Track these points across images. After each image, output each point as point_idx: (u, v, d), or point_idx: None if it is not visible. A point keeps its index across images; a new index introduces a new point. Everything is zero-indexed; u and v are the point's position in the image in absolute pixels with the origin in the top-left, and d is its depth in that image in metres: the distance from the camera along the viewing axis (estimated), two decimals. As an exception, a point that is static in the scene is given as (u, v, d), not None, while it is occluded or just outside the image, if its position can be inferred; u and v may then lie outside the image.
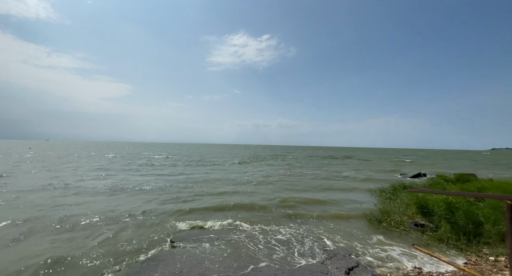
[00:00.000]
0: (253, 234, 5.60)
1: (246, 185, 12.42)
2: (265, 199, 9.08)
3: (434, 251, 4.62)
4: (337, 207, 8.22)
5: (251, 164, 26.83)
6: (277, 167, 23.75)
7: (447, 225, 5.13)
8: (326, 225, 6.44)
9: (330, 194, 10.50)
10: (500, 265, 3.97)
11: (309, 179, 15.46)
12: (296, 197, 9.58)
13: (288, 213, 7.38)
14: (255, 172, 19.02)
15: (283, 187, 12.02)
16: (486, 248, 4.62)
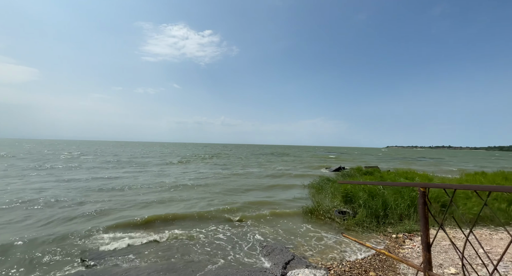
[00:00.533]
0: (187, 241, 5.03)
1: (182, 189, 10.71)
2: (203, 205, 8.11)
3: (357, 236, 5.26)
4: (276, 204, 8.49)
5: (190, 163, 24.45)
6: (218, 166, 22.47)
7: (363, 211, 5.97)
8: (266, 222, 6.49)
9: (270, 192, 10.79)
10: (399, 241, 4.85)
11: (250, 177, 15.05)
12: (237, 198, 9.12)
13: (228, 215, 7.02)
14: (193, 172, 16.89)
15: (223, 188, 11.08)
16: (390, 227, 5.61)
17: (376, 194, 6.25)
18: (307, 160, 32.94)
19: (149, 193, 9.67)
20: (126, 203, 7.99)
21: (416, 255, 4.09)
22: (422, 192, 1.87)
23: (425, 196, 1.84)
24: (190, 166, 22.07)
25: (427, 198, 1.83)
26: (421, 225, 1.89)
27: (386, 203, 6.02)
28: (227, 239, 5.11)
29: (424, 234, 1.83)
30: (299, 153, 60.81)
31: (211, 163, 25.74)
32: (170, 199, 8.65)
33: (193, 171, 17.98)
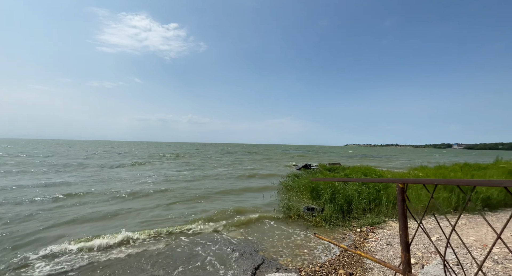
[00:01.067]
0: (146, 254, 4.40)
1: (133, 198, 8.56)
2: (159, 215, 6.60)
3: (325, 231, 5.30)
4: (247, 206, 8.21)
5: (150, 164, 21.64)
6: (183, 166, 20.30)
7: (330, 206, 6.09)
8: (235, 226, 6.16)
9: (242, 195, 10.40)
10: (363, 234, 5.03)
11: (219, 179, 13.67)
12: (204, 205, 7.75)
13: (192, 225, 6.01)
14: (151, 175, 14.35)
15: (186, 194, 9.26)
16: (354, 221, 5.82)
17: (340, 190, 6.44)
18: (276, 158, 33.55)
19: (84, 206, 7.30)
20: (46, 222, 5.81)
21: (379, 248, 4.24)
22: (401, 188, 1.76)
23: (403, 193, 1.72)
24: (149, 167, 19.42)
25: (406, 194, 1.73)
26: (400, 224, 1.77)
27: (350, 198, 6.24)
28: (189, 249, 4.63)
29: (403, 233, 1.71)
30: (268, 151, 61.82)
31: (175, 163, 23.37)
32: (115, 213, 6.65)
33: (152, 173, 15.45)
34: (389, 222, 5.68)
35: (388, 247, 4.24)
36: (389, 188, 6.47)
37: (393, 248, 4.18)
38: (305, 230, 5.49)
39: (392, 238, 4.67)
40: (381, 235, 4.88)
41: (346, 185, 7.19)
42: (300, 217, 6.39)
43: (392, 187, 6.54)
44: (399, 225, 1.74)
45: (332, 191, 6.43)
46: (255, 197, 9.23)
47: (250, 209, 7.32)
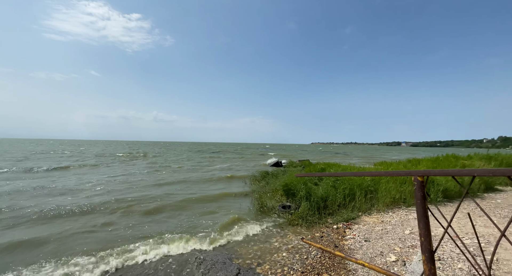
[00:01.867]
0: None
1: (60, 217, 6.06)
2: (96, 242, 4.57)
3: (301, 230, 5.00)
4: (217, 205, 7.56)
5: (94, 167, 16.92)
6: (141, 169, 16.21)
7: (306, 203, 5.85)
8: (205, 229, 5.50)
9: (213, 203, 9.72)
10: (340, 231, 4.88)
11: (185, 183, 11.15)
12: (161, 226, 5.44)
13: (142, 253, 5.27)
14: (89, 182, 10.85)
15: (140, 208, 6.80)
16: (330, 218, 5.69)
17: (313, 187, 6.26)
18: (247, 157, 33.18)
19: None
20: None
21: (358, 245, 4.09)
22: (420, 182, 1.38)
23: (423, 188, 1.35)
24: (94, 170, 15.40)
25: (425, 190, 1.36)
26: (420, 227, 1.38)
27: (326, 194, 6.10)
28: (160, 260, 3.86)
29: (425, 240, 1.33)
30: (239, 150, 61.22)
31: (131, 164, 19.44)
32: (18, 244, 4.40)
33: (93, 178, 12.03)
34: (363, 216, 5.67)
35: (367, 243, 4.11)
36: (365, 182, 6.52)
37: (371, 244, 4.06)
38: (282, 229, 5.14)
39: (369, 233, 4.59)
40: (357, 231, 4.78)
41: (321, 180, 7.08)
42: (276, 215, 6.05)
43: (366, 180, 6.61)
44: (420, 229, 1.35)
45: (307, 188, 6.21)
46: (227, 200, 8.14)
47: (221, 210, 6.72)
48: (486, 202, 6.40)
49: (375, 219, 5.50)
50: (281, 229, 5.18)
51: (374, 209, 6.06)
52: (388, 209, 6.09)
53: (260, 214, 6.22)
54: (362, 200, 6.11)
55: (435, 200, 6.40)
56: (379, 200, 6.24)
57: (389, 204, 6.27)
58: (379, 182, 6.73)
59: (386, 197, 6.21)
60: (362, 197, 6.18)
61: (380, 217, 5.61)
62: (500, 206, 5.91)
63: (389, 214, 5.80)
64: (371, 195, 6.33)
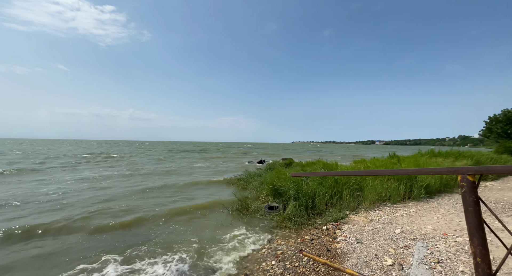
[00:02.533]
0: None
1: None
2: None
3: (290, 233, 4.65)
4: (196, 210, 6.97)
5: (53, 171, 13.85)
6: (104, 172, 13.64)
7: (293, 203, 5.54)
8: (185, 234, 4.93)
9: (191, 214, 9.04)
10: (330, 232, 4.62)
11: (154, 192, 8.74)
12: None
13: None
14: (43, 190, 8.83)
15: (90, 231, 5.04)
16: (318, 218, 5.43)
17: (302, 185, 5.98)
18: (230, 156, 32.49)
19: None
20: None
21: (351, 248, 3.84)
22: (471, 182, 1.01)
23: (475, 189, 0.99)
24: (44, 176, 12.23)
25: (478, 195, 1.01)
26: (475, 243, 0.99)
27: (313, 193, 5.84)
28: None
29: (483, 260, 0.96)
30: (222, 149, 60.08)
31: (96, 168, 15.84)
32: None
33: (47, 186, 9.46)
34: (351, 216, 5.50)
35: (360, 245, 3.88)
36: (351, 180, 6.37)
37: (364, 246, 3.83)
38: (269, 233, 4.75)
39: (360, 234, 4.38)
40: (348, 231, 4.56)
41: (308, 180, 6.82)
42: (262, 216, 5.65)
43: (353, 178, 6.47)
44: (473, 246, 0.97)
45: (296, 187, 5.90)
46: (208, 203, 7.09)
47: (201, 215, 6.17)
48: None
49: (363, 218, 5.34)
50: (269, 233, 4.79)
51: (362, 208, 5.93)
52: (374, 207, 6.00)
53: (245, 217, 5.78)
54: (350, 198, 5.96)
55: (418, 196, 6.46)
56: (366, 198, 6.13)
57: (375, 201, 6.19)
58: (365, 180, 6.64)
59: (373, 194, 6.12)
60: (350, 195, 6.03)
61: (368, 215, 5.47)
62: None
63: (376, 212, 5.70)
64: (358, 193, 6.20)
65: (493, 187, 7.94)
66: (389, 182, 6.80)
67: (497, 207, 5.43)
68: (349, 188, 6.13)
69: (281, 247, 4.06)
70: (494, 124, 23.62)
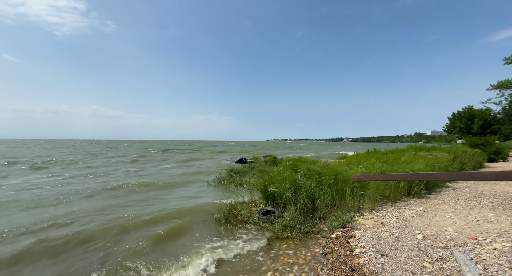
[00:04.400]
0: None
1: None
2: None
3: (295, 246, 3.76)
4: (173, 221, 5.71)
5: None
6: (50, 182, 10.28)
7: (293, 208, 4.67)
8: (164, 262, 3.72)
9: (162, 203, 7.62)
10: (342, 241, 3.85)
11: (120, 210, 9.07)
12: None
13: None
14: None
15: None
16: (321, 223, 4.65)
17: (302, 186, 5.14)
18: (207, 155, 30.74)
19: None
20: None
21: (378, 264, 3.08)
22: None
23: None
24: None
25: None
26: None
27: (313, 194, 5.05)
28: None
29: None
30: (197, 147, 57.36)
31: (38, 177, 10.89)
32: None
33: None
34: (357, 218, 4.82)
35: (387, 260, 3.15)
36: (350, 178, 5.71)
37: (393, 260, 3.11)
38: (269, 248, 3.79)
39: (378, 242, 3.68)
40: (363, 240, 3.83)
41: (303, 177, 6.00)
42: (255, 227, 4.68)
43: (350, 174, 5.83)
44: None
45: (294, 188, 5.03)
46: (185, 210, 5.87)
47: (179, 229, 4.97)
48: (458, 192, 6.45)
49: (371, 220, 4.70)
50: (268, 247, 3.84)
51: (365, 208, 5.33)
52: (377, 206, 5.45)
53: (234, 226, 4.74)
54: (353, 198, 5.30)
55: (418, 193, 6.11)
56: (368, 197, 5.55)
57: (377, 200, 5.66)
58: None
59: (375, 193, 5.56)
60: (352, 195, 5.38)
61: (376, 217, 4.86)
62: (476, 195, 5.92)
63: (382, 212, 5.13)
64: (360, 191, 5.59)
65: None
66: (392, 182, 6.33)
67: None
68: (350, 187, 5.47)
69: (291, 269, 3.14)
70: (457, 120, 25.98)
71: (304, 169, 5.94)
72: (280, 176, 5.72)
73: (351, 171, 6.17)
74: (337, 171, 5.88)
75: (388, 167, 6.89)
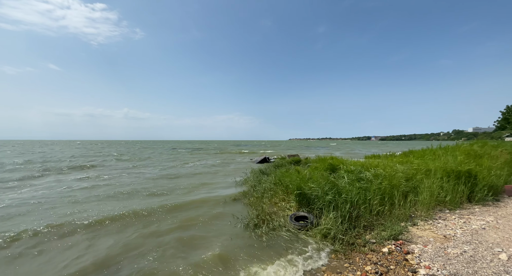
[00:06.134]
0: None
1: None
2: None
3: (341, 265, 3.20)
4: (196, 229, 5.46)
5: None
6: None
7: (333, 214, 4.09)
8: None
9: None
10: (398, 258, 3.19)
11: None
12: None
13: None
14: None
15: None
16: (367, 233, 4.00)
17: (344, 188, 4.51)
18: (229, 154, 30.91)
19: None
20: None
21: (457, 292, 2.41)
22: None
23: None
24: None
25: None
26: None
27: (358, 199, 4.39)
28: None
29: None
30: (219, 147, 58.39)
31: (84, 178, 10.65)
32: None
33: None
34: (411, 229, 4.08)
35: (467, 287, 2.45)
36: (398, 179, 4.94)
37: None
38: (311, 263, 3.27)
39: (447, 261, 2.95)
40: (425, 257, 3.13)
41: (341, 180, 5.35)
42: (288, 232, 4.18)
43: (399, 176, 5.04)
44: None
45: (334, 191, 4.43)
46: (208, 219, 5.16)
47: (203, 241, 4.66)
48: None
49: (429, 232, 3.93)
50: (305, 258, 3.33)
51: (417, 216, 4.54)
52: (433, 214, 4.61)
53: (265, 236, 4.21)
54: (404, 204, 4.54)
55: (483, 198, 5.09)
56: (420, 203, 4.73)
57: (433, 207, 4.80)
58: (413, 178, 5.24)
59: (431, 198, 4.72)
60: (402, 200, 4.61)
61: (434, 228, 4.06)
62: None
63: (440, 222, 4.30)
64: (412, 196, 4.78)
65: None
66: (445, 181, 5.35)
67: None
68: (400, 191, 4.70)
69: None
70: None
71: (344, 170, 5.29)
72: (316, 176, 5.14)
73: (400, 174, 5.33)
74: (386, 173, 5.13)
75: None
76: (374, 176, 4.86)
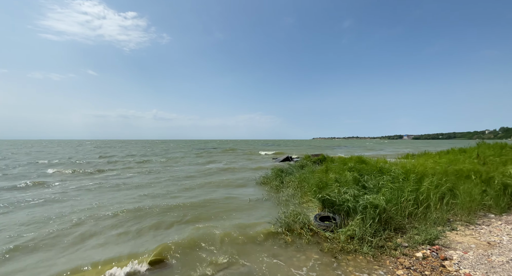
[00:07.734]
0: None
1: None
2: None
3: (369, 267, 3.12)
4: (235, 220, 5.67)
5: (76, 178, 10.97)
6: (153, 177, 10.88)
7: (360, 216, 3.97)
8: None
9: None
10: (434, 264, 3.01)
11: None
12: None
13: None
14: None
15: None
16: (399, 236, 3.82)
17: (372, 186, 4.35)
18: (252, 153, 31.30)
19: None
20: None
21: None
22: None
23: None
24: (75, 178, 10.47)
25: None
26: None
27: (388, 200, 4.21)
28: None
29: None
30: (243, 146, 59.36)
31: (139, 172, 12.54)
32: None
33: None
34: (449, 234, 3.79)
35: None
36: (426, 176, 4.62)
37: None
38: (337, 264, 3.24)
39: (491, 269, 2.71)
40: (466, 265, 2.91)
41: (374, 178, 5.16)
42: (313, 233, 4.16)
43: (437, 175, 4.70)
44: None
45: (362, 193, 4.31)
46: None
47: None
48: None
49: (471, 238, 3.62)
50: (335, 262, 3.30)
51: (457, 221, 4.19)
52: (474, 219, 4.22)
53: (292, 234, 4.26)
54: (442, 207, 4.24)
55: (506, 208, 4.50)
56: (460, 206, 4.36)
57: (474, 211, 4.40)
58: (458, 180, 4.83)
59: (472, 201, 4.33)
60: (439, 203, 4.30)
61: (476, 234, 3.73)
62: None
63: (483, 228, 3.93)
64: (452, 199, 4.44)
65: None
66: (469, 185, 4.85)
67: None
68: (438, 193, 4.39)
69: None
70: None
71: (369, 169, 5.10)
72: (342, 180, 5.03)
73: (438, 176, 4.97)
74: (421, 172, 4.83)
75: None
76: (406, 175, 4.60)
